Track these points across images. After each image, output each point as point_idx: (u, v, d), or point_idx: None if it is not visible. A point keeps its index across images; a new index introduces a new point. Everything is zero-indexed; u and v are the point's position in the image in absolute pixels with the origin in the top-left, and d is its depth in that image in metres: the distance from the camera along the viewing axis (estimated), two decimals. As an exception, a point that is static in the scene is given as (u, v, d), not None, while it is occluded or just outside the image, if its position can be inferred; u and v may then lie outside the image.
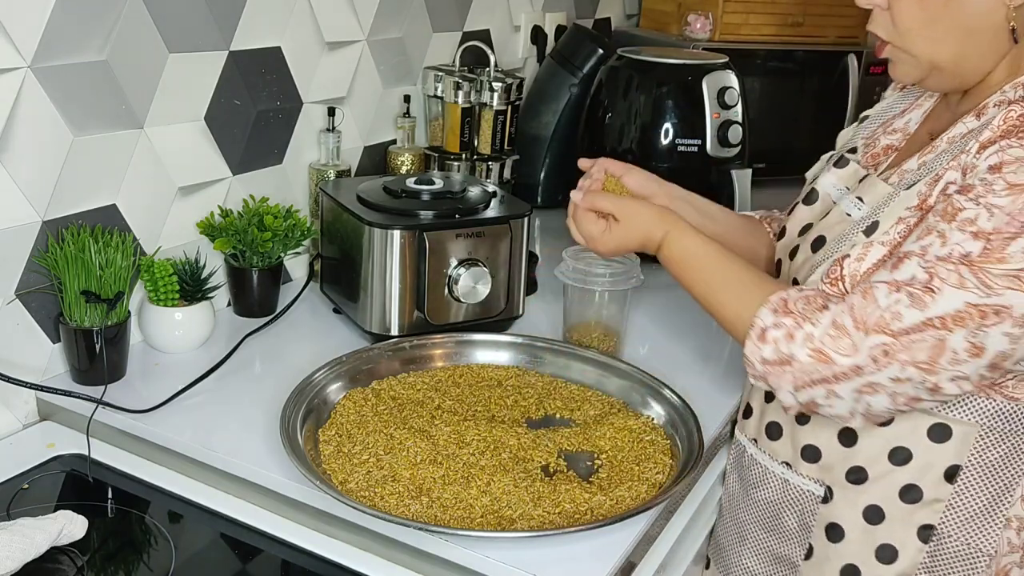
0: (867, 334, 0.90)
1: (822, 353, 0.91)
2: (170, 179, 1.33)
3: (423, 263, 1.31)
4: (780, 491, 1.11)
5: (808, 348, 0.92)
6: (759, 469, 1.13)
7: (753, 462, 1.14)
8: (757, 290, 0.99)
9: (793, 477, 1.09)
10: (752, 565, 1.16)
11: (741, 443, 1.17)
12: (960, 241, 0.87)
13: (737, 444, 1.19)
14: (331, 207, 1.40)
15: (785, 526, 1.11)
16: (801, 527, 1.09)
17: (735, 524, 1.19)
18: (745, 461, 1.16)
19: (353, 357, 1.23)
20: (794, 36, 2.24)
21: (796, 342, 0.93)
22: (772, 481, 1.12)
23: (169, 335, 1.28)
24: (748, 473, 1.16)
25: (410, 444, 1.08)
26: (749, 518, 1.16)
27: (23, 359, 1.17)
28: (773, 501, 1.12)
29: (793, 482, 1.09)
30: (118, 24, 1.19)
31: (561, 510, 0.99)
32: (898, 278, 0.90)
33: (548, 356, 1.31)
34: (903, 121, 1.12)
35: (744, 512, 1.17)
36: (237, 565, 1.01)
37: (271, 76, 1.46)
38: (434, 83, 1.75)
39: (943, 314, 0.87)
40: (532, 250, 1.49)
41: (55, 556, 0.93)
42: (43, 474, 1.08)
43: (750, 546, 1.16)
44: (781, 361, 0.94)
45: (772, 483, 1.12)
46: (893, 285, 0.90)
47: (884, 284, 0.91)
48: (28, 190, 1.14)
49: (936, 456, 0.99)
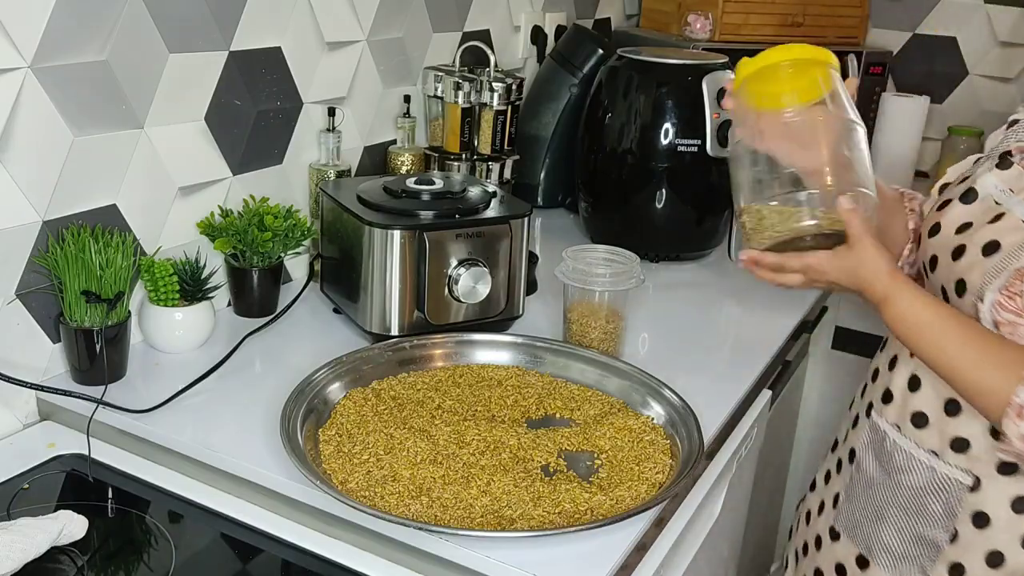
0: None
1: None
2: (170, 179, 1.33)
3: (423, 263, 1.31)
4: (926, 478, 1.10)
5: None
6: (903, 455, 1.13)
7: (896, 447, 1.14)
8: (1007, 363, 0.97)
9: (940, 466, 1.09)
10: (893, 543, 1.15)
11: (881, 428, 1.16)
12: None
13: (875, 428, 1.18)
14: (331, 207, 1.40)
15: (929, 511, 1.11)
16: (946, 512, 1.09)
17: (872, 504, 1.18)
18: (887, 446, 1.15)
19: (353, 357, 1.24)
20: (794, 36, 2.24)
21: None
22: (918, 468, 1.11)
23: (169, 335, 1.29)
24: (889, 458, 1.15)
25: (410, 444, 1.08)
26: (890, 500, 1.15)
27: (23, 359, 1.17)
28: (917, 486, 1.11)
29: (940, 470, 1.09)
30: (118, 24, 1.19)
31: (561, 510, 1.00)
32: None
33: (548, 356, 1.31)
34: None
35: (884, 493, 1.16)
36: (237, 565, 1.01)
37: (271, 76, 1.46)
38: (434, 83, 1.75)
39: None
40: (532, 250, 1.49)
41: (55, 556, 0.93)
42: (43, 474, 1.08)
43: (891, 525, 1.16)
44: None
45: (917, 470, 1.11)
46: None
47: None
48: (28, 190, 1.14)
49: None
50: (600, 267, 1.33)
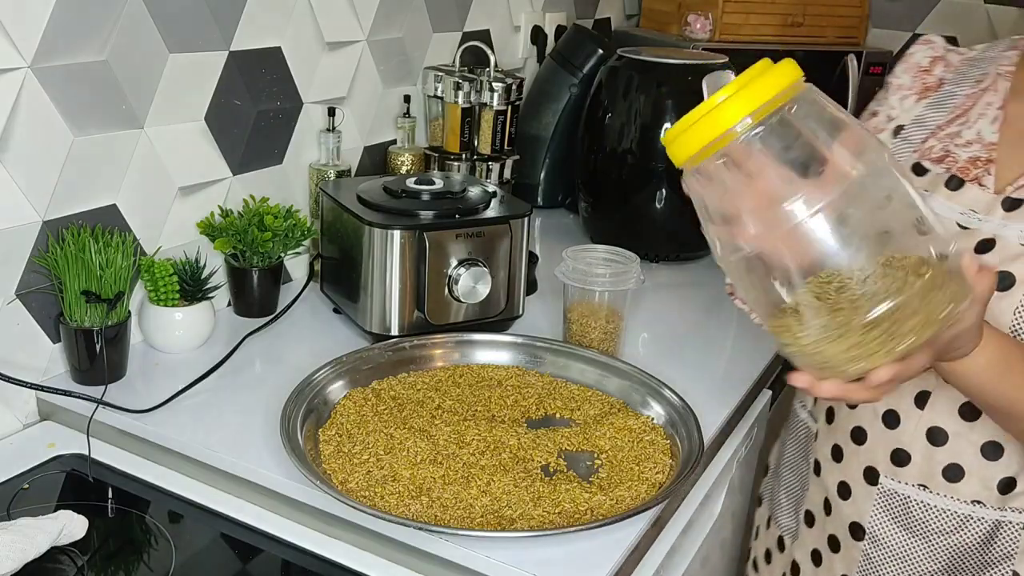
0: None
1: None
2: (170, 179, 1.33)
3: (423, 263, 1.31)
4: (974, 531, 1.06)
5: None
6: (939, 515, 1.07)
7: (928, 508, 1.08)
8: None
9: (989, 513, 1.05)
10: None
11: (900, 492, 1.09)
12: None
13: (890, 494, 1.10)
14: (331, 207, 1.40)
15: (982, 562, 1.07)
16: (1004, 558, 1.06)
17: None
18: (912, 510, 1.09)
19: (353, 357, 1.24)
20: (794, 36, 2.24)
21: None
22: (960, 523, 1.06)
23: (169, 335, 1.29)
24: (919, 522, 1.09)
25: (410, 444, 1.08)
26: (928, 568, 1.10)
27: (23, 359, 1.17)
28: (964, 544, 1.07)
29: (990, 517, 1.05)
30: (118, 24, 1.19)
31: (561, 510, 1.00)
32: None
33: (548, 356, 1.31)
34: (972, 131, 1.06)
35: (920, 563, 1.10)
36: (237, 565, 1.01)
37: (271, 76, 1.46)
38: (434, 83, 1.75)
39: None
40: (532, 250, 1.49)
41: (55, 556, 0.93)
42: (43, 474, 1.08)
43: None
44: None
45: (962, 525, 1.06)
46: None
47: None
48: (28, 190, 1.14)
49: None
50: (600, 267, 1.33)
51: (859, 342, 0.74)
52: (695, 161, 0.76)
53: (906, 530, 1.11)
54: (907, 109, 1.13)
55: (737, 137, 0.74)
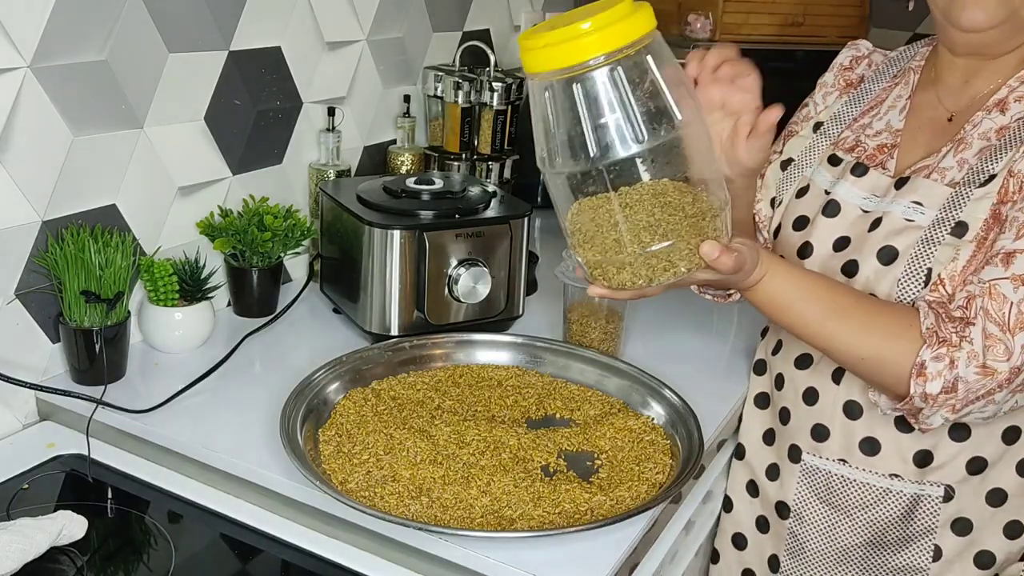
0: (1014, 334, 0.91)
1: (986, 367, 0.92)
2: (170, 179, 1.33)
3: (423, 263, 1.31)
4: (893, 505, 1.08)
5: (975, 367, 0.92)
6: (858, 489, 1.10)
7: (848, 483, 1.11)
8: (890, 321, 0.97)
9: (907, 487, 1.07)
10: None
11: (821, 468, 1.13)
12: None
13: (812, 470, 1.14)
14: (331, 207, 1.40)
15: (904, 536, 1.09)
16: (925, 531, 1.07)
17: (828, 553, 1.15)
18: (833, 485, 1.12)
19: (353, 357, 1.23)
20: (794, 36, 2.24)
21: (959, 366, 0.93)
22: (879, 497, 1.09)
23: (169, 335, 1.28)
24: (841, 497, 1.12)
25: (410, 444, 1.08)
26: (851, 542, 1.13)
27: (23, 359, 1.17)
28: (885, 518, 1.09)
29: (908, 491, 1.07)
30: (118, 24, 1.19)
31: (561, 510, 0.99)
32: (1017, 272, 0.93)
33: (548, 356, 1.31)
34: (882, 122, 1.13)
35: (843, 538, 1.13)
36: (237, 565, 1.01)
37: (271, 76, 1.46)
38: (434, 83, 1.75)
39: None
40: (532, 250, 1.49)
41: (55, 556, 0.93)
42: (43, 474, 1.08)
43: (857, 568, 1.13)
44: (947, 391, 0.93)
45: (881, 499, 1.09)
46: (1014, 280, 0.92)
47: (1005, 281, 0.93)
48: (28, 190, 1.14)
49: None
50: (600, 267, 1.33)
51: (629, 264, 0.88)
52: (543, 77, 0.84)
53: (828, 505, 1.14)
54: (829, 105, 1.21)
55: (589, 70, 0.82)
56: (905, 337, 0.95)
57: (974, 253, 0.97)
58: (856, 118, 1.17)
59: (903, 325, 0.96)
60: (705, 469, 1.26)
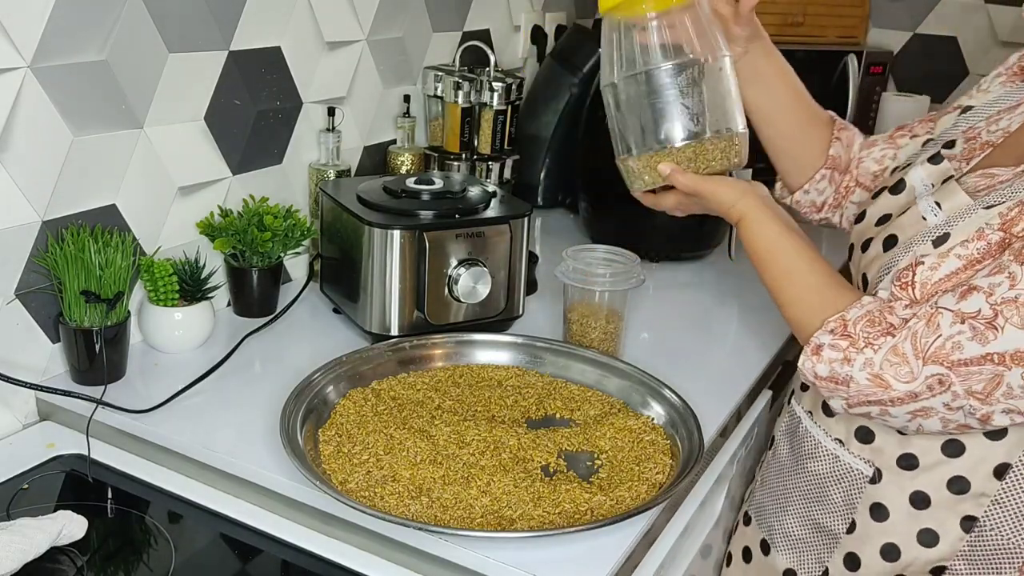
0: (925, 363, 0.91)
1: (880, 379, 0.93)
2: (170, 179, 1.33)
3: (423, 263, 1.31)
4: (830, 466, 1.12)
5: (867, 373, 0.93)
6: (811, 441, 1.14)
7: (807, 434, 1.15)
8: (820, 300, 1.00)
9: (844, 455, 1.10)
10: (793, 530, 1.17)
11: (797, 414, 1.18)
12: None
13: (792, 414, 1.19)
14: (331, 207, 1.40)
15: (830, 499, 1.12)
16: (846, 503, 1.10)
17: (780, 490, 1.20)
18: (799, 432, 1.17)
19: (353, 357, 1.23)
20: (794, 36, 2.24)
21: (855, 366, 0.94)
22: (823, 455, 1.12)
23: (169, 335, 1.28)
24: (800, 444, 1.16)
25: (410, 444, 1.08)
26: (795, 486, 1.17)
27: (23, 359, 1.17)
28: (821, 474, 1.13)
29: (843, 459, 1.10)
30: (118, 24, 1.19)
31: (561, 510, 0.99)
32: (964, 309, 0.91)
33: (548, 356, 1.31)
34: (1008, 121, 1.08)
35: (791, 480, 1.18)
36: (237, 565, 1.01)
37: (271, 76, 1.46)
38: (434, 83, 1.75)
39: (1003, 351, 0.88)
40: (532, 250, 1.49)
41: (55, 556, 0.93)
42: (43, 474, 1.08)
43: (793, 513, 1.17)
44: (835, 380, 0.96)
45: (823, 457, 1.12)
46: (958, 316, 0.91)
47: (949, 312, 0.91)
48: (28, 190, 1.14)
49: (989, 453, 1.00)
50: (600, 267, 1.33)
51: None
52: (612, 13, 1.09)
53: (791, 447, 1.18)
54: (990, 89, 1.18)
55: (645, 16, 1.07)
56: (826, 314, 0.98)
57: (959, 269, 0.96)
58: (1001, 111, 1.11)
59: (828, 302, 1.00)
60: (705, 469, 1.26)
